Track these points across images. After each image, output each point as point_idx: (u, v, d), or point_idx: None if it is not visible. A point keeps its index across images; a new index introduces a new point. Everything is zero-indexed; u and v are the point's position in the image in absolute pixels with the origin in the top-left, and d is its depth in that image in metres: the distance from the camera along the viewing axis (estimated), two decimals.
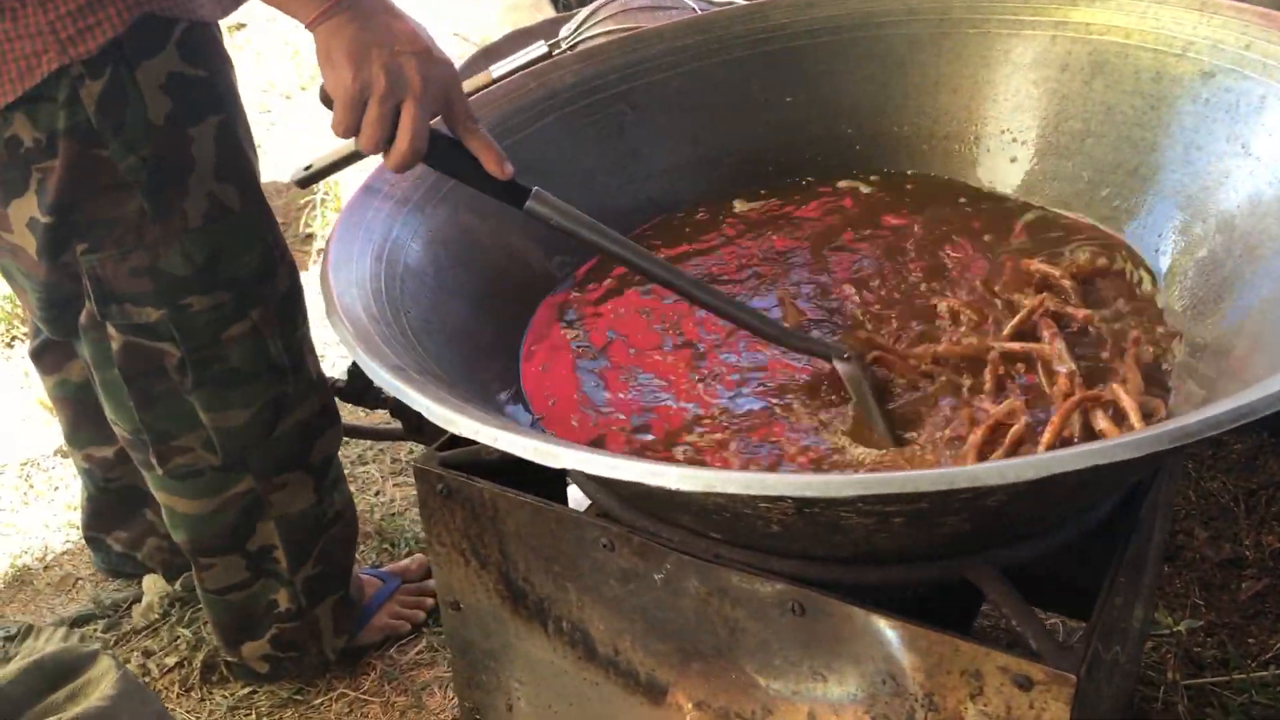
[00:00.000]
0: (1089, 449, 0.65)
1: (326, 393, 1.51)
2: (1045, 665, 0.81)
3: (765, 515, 0.81)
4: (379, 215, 1.15)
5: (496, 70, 1.80)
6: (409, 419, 1.64)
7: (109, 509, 1.78)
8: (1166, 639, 1.52)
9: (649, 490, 0.79)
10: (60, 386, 1.66)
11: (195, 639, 1.70)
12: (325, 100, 1.08)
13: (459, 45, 3.50)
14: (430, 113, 1.05)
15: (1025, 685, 0.82)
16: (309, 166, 1.84)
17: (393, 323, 1.02)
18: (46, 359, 1.64)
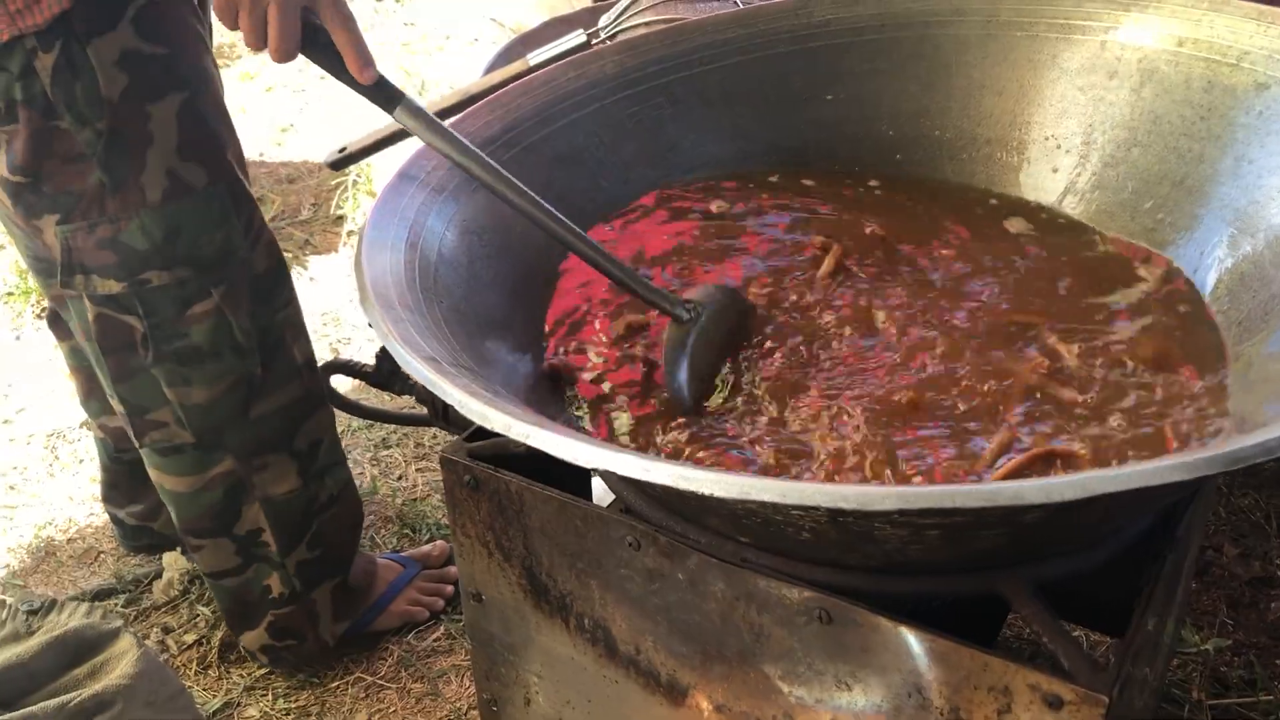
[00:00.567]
0: (1139, 470, 0.64)
1: (312, 378, 1.49)
2: (1077, 685, 0.79)
3: (796, 522, 0.80)
4: (414, 202, 1.14)
5: (534, 58, 1.79)
6: (435, 406, 1.63)
7: (122, 480, 1.78)
8: (1193, 657, 1.50)
9: (678, 491, 0.78)
10: (73, 354, 1.66)
11: (214, 617, 1.70)
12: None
13: (495, 31, 3.49)
14: (294, 7, 1.06)
15: (1056, 704, 0.80)
16: (343, 149, 1.84)
17: (426, 312, 1.01)
18: (60, 325, 1.65)
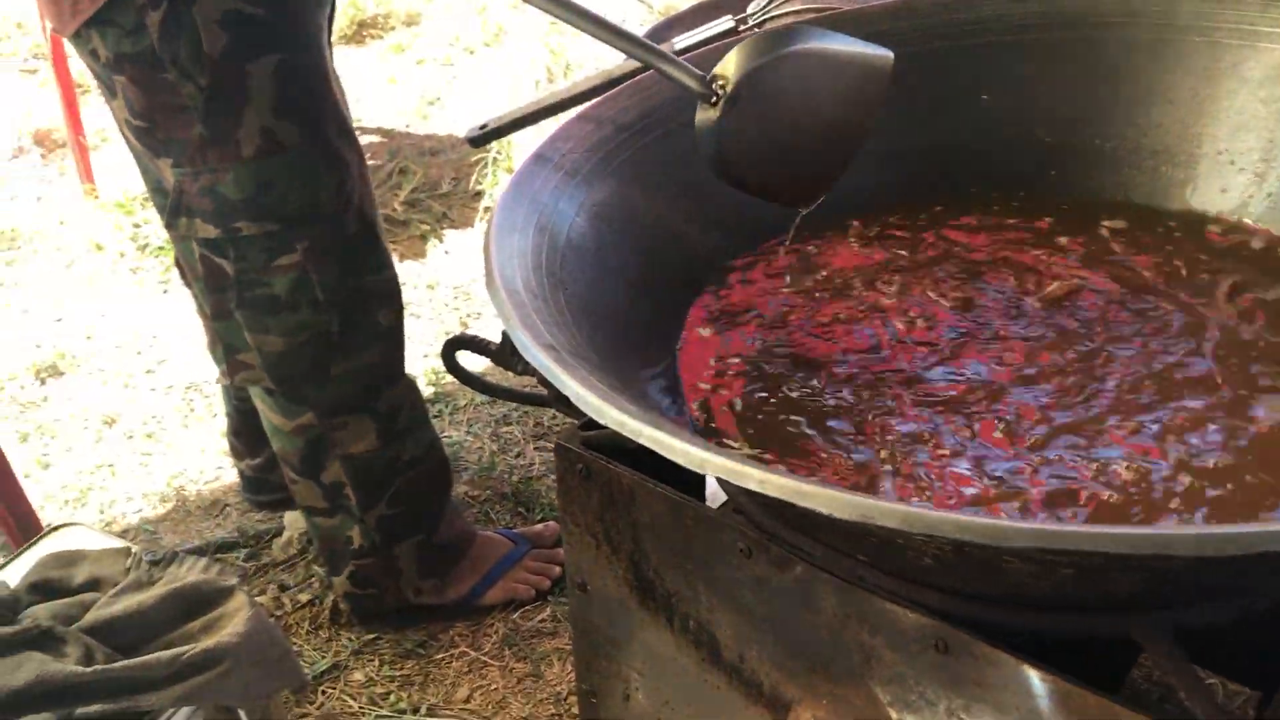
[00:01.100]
0: None
1: (395, 348, 1.54)
2: None
3: (919, 548, 0.76)
4: (547, 185, 1.13)
5: (680, 43, 1.75)
6: (554, 389, 1.62)
7: (244, 430, 1.83)
8: None
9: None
10: (197, 300, 1.72)
11: (328, 579, 1.74)
12: None
13: (643, 12, 3.47)
14: None
15: None
16: (484, 125, 1.83)
17: (549, 298, 1.00)
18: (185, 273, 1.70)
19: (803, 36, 1.01)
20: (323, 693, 1.60)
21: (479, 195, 2.73)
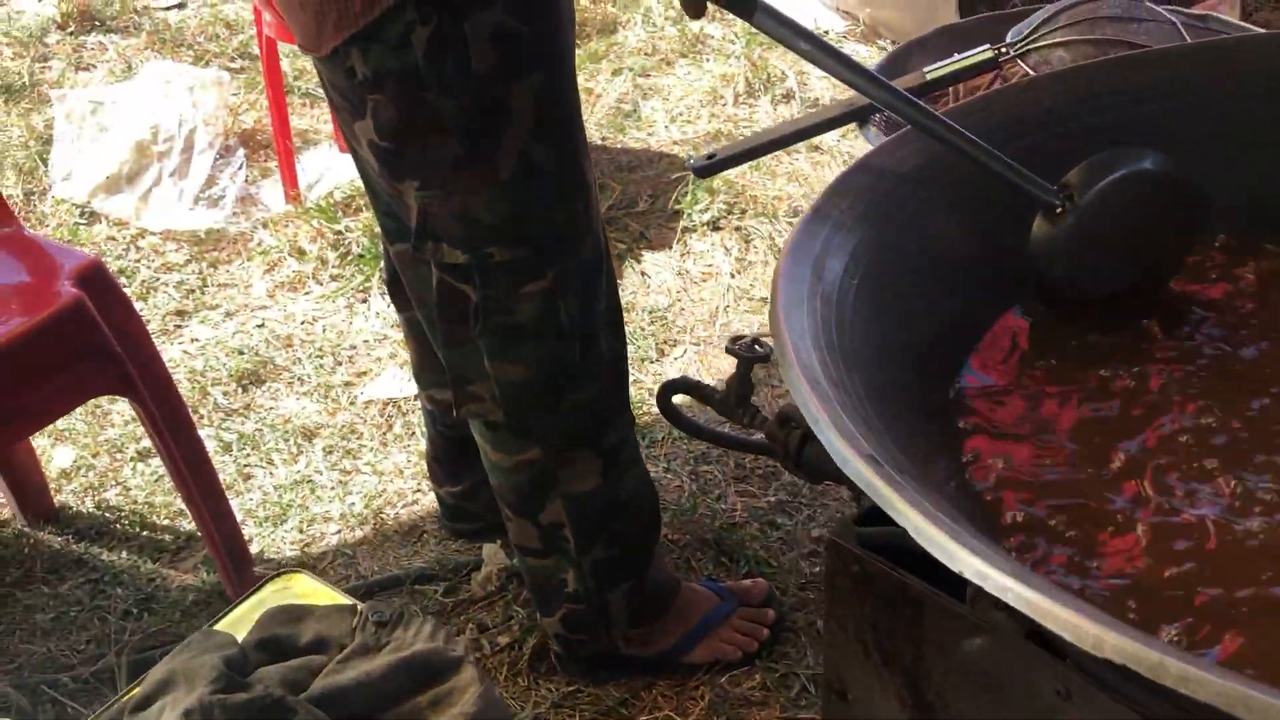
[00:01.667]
0: None
1: (619, 377, 1.47)
2: None
3: None
4: (828, 248, 1.02)
5: (931, 72, 1.63)
6: (785, 445, 1.51)
7: (446, 455, 1.80)
8: None
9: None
10: (410, 324, 1.69)
11: (529, 622, 1.67)
12: None
13: (841, 22, 3.33)
14: None
15: None
16: (712, 155, 1.74)
17: (844, 384, 0.89)
18: (399, 294, 1.66)
19: (1149, 157, 0.96)
20: None
21: (678, 215, 2.64)
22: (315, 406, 2.21)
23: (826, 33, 3.34)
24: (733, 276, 2.47)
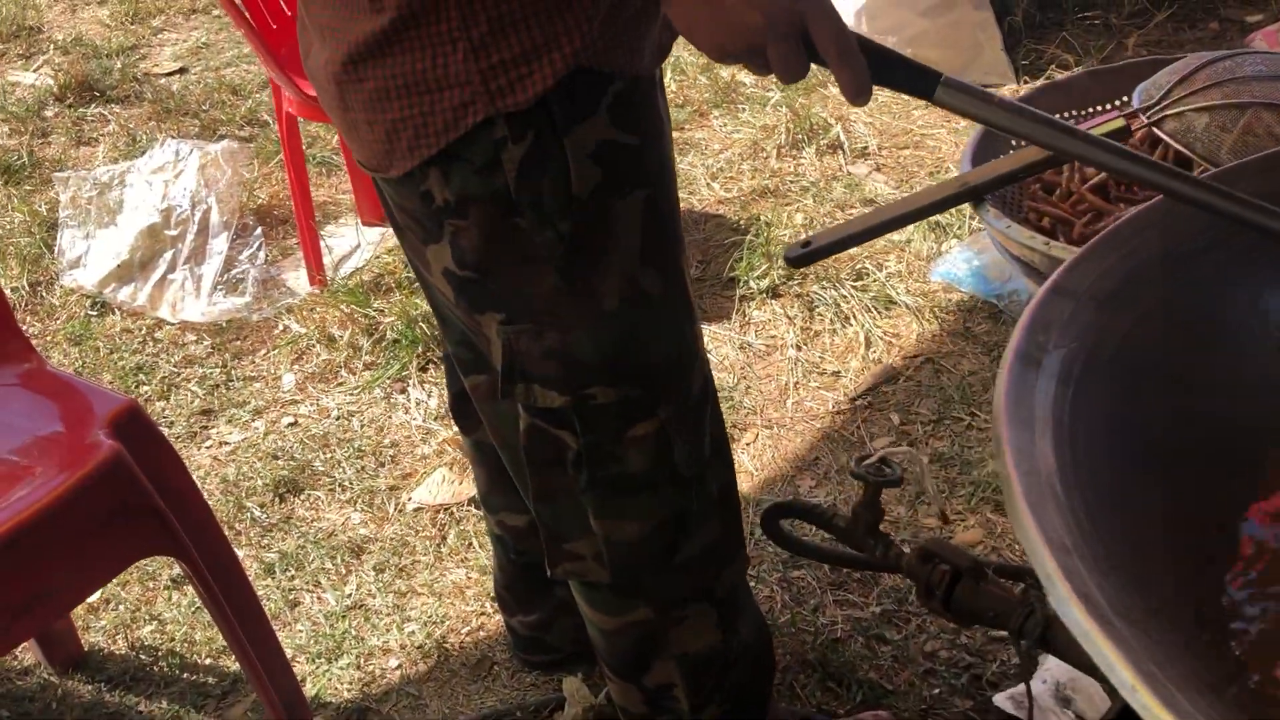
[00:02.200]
0: None
1: (732, 513, 1.29)
2: None
3: None
4: (1044, 398, 0.85)
5: None
6: (929, 584, 1.33)
7: (517, 583, 1.62)
8: None
9: None
10: (477, 448, 1.51)
11: None
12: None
13: None
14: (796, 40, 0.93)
15: None
16: (807, 244, 1.57)
17: (1088, 554, 0.72)
18: (466, 417, 1.48)
19: None
20: None
21: (733, 282, 2.47)
22: (360, 516, 2.03)
23: None
24: (798, 349, 2.30)
